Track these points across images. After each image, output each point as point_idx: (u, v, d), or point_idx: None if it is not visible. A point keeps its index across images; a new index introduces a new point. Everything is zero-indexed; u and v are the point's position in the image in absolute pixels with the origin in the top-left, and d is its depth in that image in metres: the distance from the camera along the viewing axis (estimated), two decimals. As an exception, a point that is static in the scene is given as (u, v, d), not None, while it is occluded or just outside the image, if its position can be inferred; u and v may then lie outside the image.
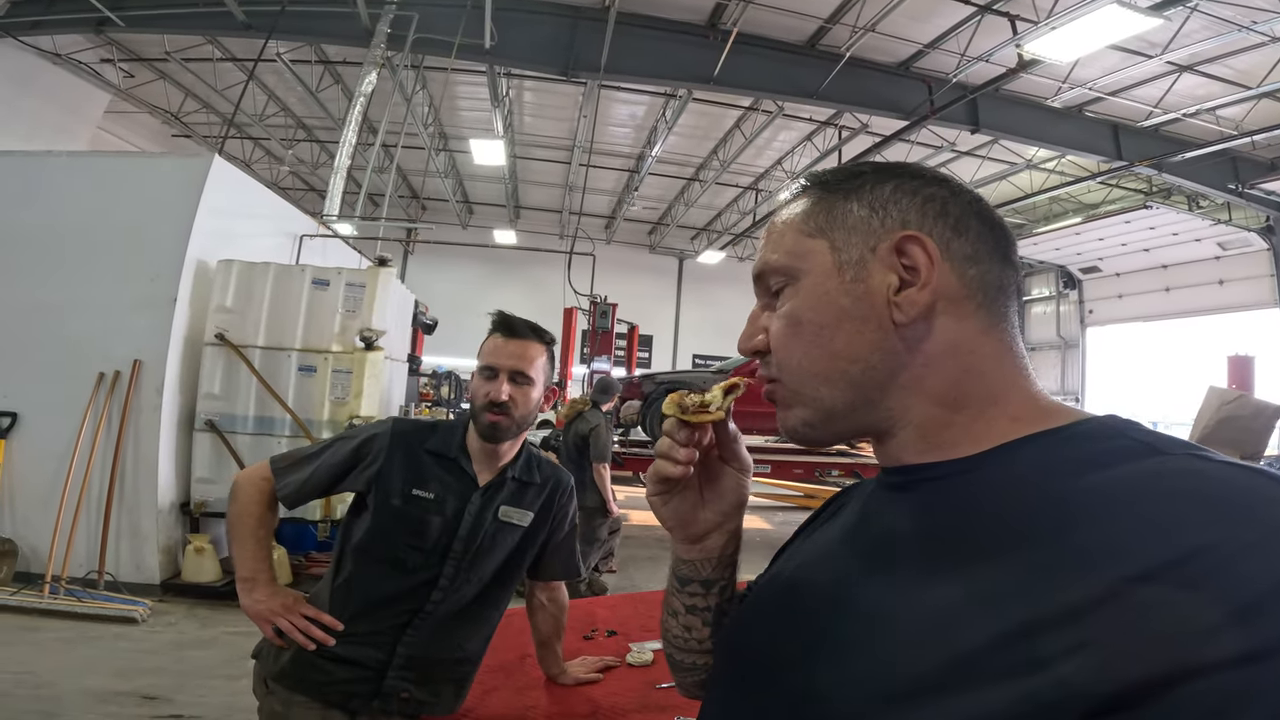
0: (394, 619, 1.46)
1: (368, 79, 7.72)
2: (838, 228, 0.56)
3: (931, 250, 0.54)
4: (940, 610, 0.45)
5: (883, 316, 0.53)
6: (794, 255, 0.58)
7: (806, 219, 0.58)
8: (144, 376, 4.53)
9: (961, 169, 12.81)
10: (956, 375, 0.54)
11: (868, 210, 0.56)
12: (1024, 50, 7.01)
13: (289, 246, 5.99)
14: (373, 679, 1.44)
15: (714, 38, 8.56)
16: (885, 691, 0.44)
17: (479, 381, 1.50)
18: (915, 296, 0.53)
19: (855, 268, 0.55)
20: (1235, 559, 0.36)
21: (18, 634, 3.70)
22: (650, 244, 19.91)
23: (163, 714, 3.01)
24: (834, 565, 0.58)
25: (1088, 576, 0.39)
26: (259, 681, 1.50)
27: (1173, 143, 10.11)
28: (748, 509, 0.72)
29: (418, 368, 8.80)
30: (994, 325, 0.55)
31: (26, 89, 9.07)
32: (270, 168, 15.03)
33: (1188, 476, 0.42)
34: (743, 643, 0.62)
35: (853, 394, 0.55)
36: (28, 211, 4.71)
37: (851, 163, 0.62)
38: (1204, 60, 8.39)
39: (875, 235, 0.55)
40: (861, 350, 0.54)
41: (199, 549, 4.53)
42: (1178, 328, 15.67)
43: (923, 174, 0.58)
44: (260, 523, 1.49)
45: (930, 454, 0.54)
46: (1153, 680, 0.35)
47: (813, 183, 0.61)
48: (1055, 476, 0.47)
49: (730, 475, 0.69)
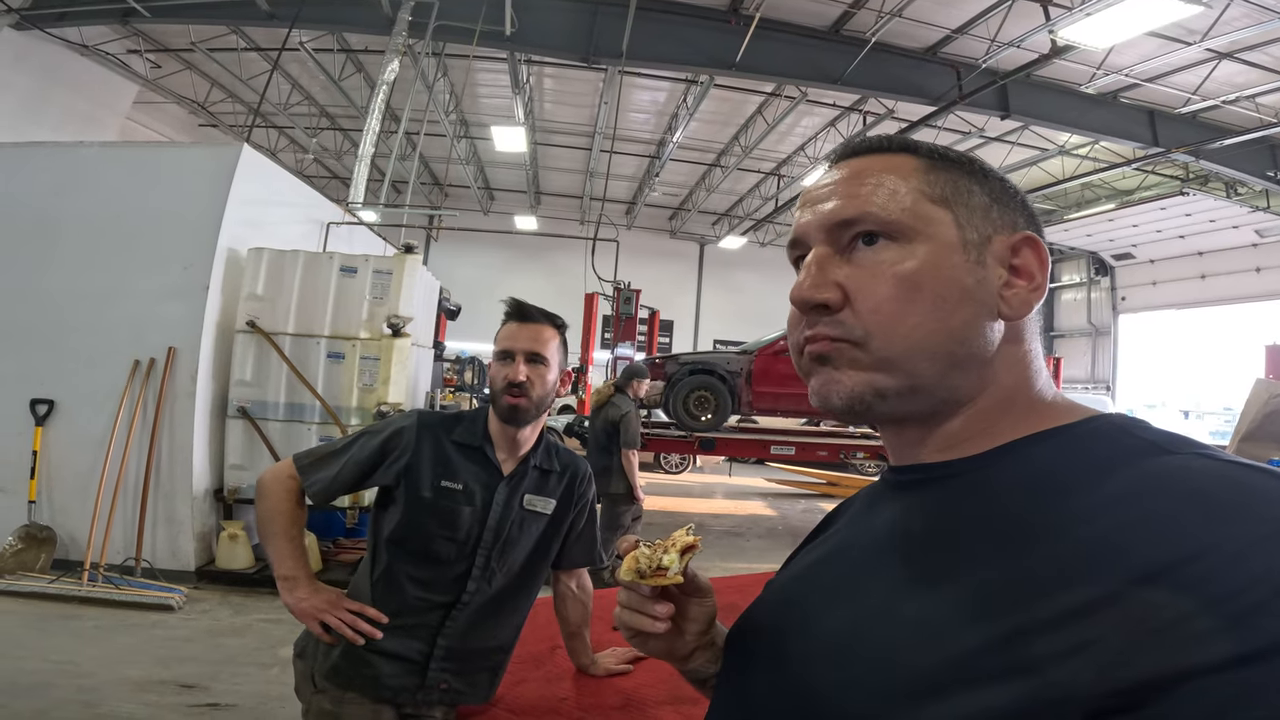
0: (433, 611, 1.49)
1: (390, 67, 7.76)
2: (962, 204, 0.55)
3: (1045, 256, 0.55)
4: (945, 609, 0.45)
5: (994, 307, 0.53)
6: (914, 215, 0.54)
7: (928, 182, 0.55)
8: (178, 364, 4.62)
9: (990, 154, 12.57)
10: (1022, 375, 0.55)
11: (989, 199, 0.56)
12: (1057, 36, 6.84)
13: (316, 234, 6.05)
14: (417, 671, 1.47)
15: (736, 23, 8.46)
16: (888, 691, 0.45)
17: (496, 366, 1.53)
18: (1029, 297, 0.54)
19: (977, 250, 0.54)
20: (1238, 559, 0.36)
21: (58, 623, 3.79)
22: (671, 229, 19.83)
23: (199, 702, 3.07)
24: (840, 566, 0.59)
25: (1091, 577, 0.39)
26: (304, 680, 1.52)
27: (1211, 129, 9.84)
28: (772, 497, 0.72)
29: (442, 353, 8.87)
30: (1039, 328, 0.57)
31: (56, 81, 9.22)
32: (295, 156, 15.17)
33: (1193, 476, 0.42)
34: (752, 641, 0.62)
35: (947, 373, 0.53)
36: (62, 201, 4.80)
37: (938, 144, 0.60)
38: (1244, 48, 8.15)
39: (993, 225, 0.55)
40: (972, 333, 0.53)
41: (232, 536, 4.62)
42: (1213, 315, 15.34)
43: (1009, 179, 0.59)
44: (292, 521, 1.51)
45: (951, 451, 0.54)
46: (1156, 681, 0.35)
47: (919, 148, 0.58)
48: (1062, 475, 0.47)
49: (694, 603, 0.69)
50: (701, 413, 7.64)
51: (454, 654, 1.49)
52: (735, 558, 6.29)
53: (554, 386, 1.55)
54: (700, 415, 7.64)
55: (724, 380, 7.69)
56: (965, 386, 0.54)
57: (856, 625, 0.50)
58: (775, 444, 7.94)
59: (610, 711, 1.64)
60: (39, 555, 4.37)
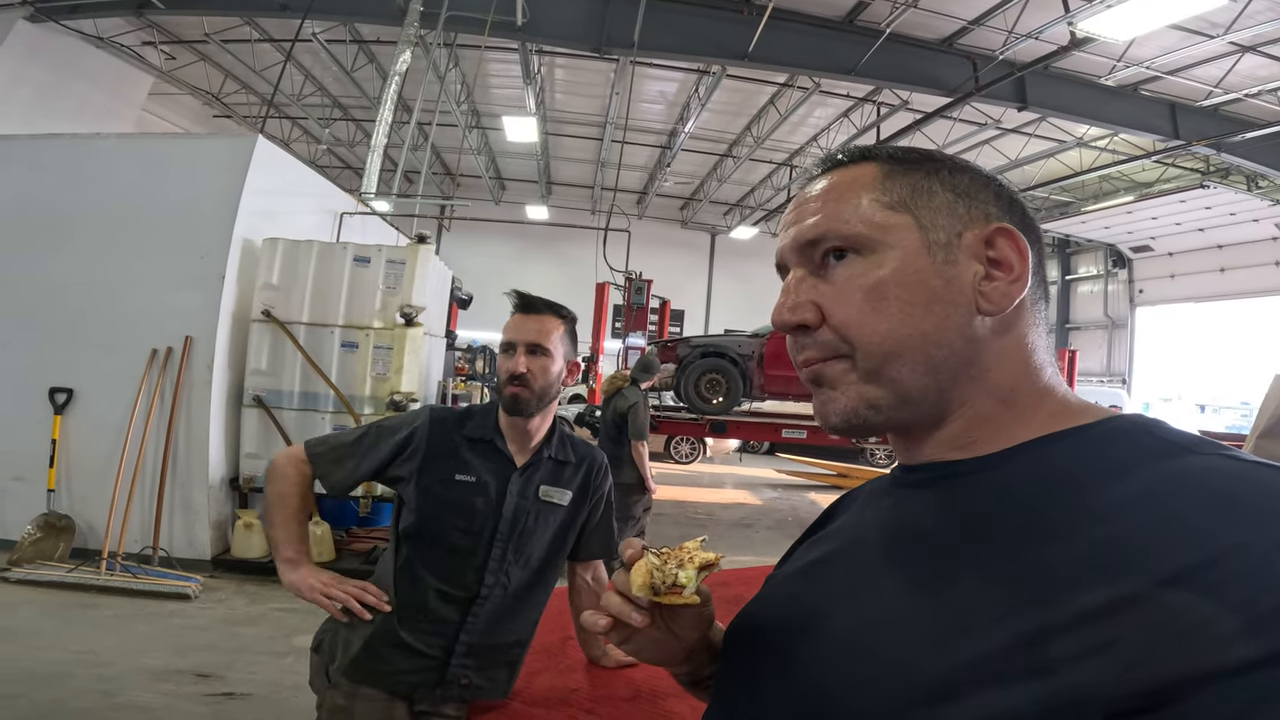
0: (454, 606, 1.49)
1: (402, 58, 7.75)
2: (923, 206, 0.55)
3: (1023, 245, 0.54)
4: (962, 609, 0.44)
5: (970, 304, 0.53)
6: (873, 225, 0.54)
7: (885, 189, 0.55)
8: (195, 352, 4.66)
9: (1007, 146, 12.44)
10: (1019, 371, 0.54)
11: (953, 195, 0.55)
12: (1077, 28, 6.74)
13: (329, 224, 6.07)
14: (438, 667, 1.48)
15: (749, 13, 8.39)
16: (905, 693, 0.44)
17: (501, 359, 1.55)
18: (1008, 289, 0.53)
19: (944, 250, 0.54)
20: (1263, 561, 0.36)
21: (78, 612, 3.83)
22: (682, 219, 19.77)
23: (215, 691, 3.10)
24: (847, 564, 0.58)
25: (1114, 577, 0.39)
26: (319, 674, 1.53)
27: (1232, 123, 9.69)
28: (782, 488, 0.71)
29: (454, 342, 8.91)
30: (1041, 322, 0.56)
31: (71, 73, 9.28)
32: (308, 146, 15.23)
33: (1217, 476, 0.42)
34: (755, 640, 0.61)
35: (930, 378, 0.53)
36: (80, 192, 4.84)
37: (905, 146, 0.60)
38: (1268, 41, 8.03)
39: (961, 222, 0.54)
40: (948, 335, 0.52)
41: (248, 524, 4.67)
42: (1232, 309, 15.15)
43: (978, 168, 0.58)
44: (302, 506, 1.54)
45: (962, 451, 0.54)
46: (1177, 682, 0.35)
47: (878, 154, 0.58)
48: (1083, 474, 0.46)
49: (693, 611, 0.63)
50: (713, 395, 7.64)
51: (475, 649, 1.50)
52: (744, 549, 6.30)
53: (558, 377, 1.56)
54: (712, 398, 7.64)
55: (735, 363, 7.68)
56: (955, 387, 0.53)
57: (869, 625, 0.50)
58: (787, 427, 7.93)
59: (621, 703, 1.64)
60: (58, 544, 4.42)
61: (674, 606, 0.58)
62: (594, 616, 0.60)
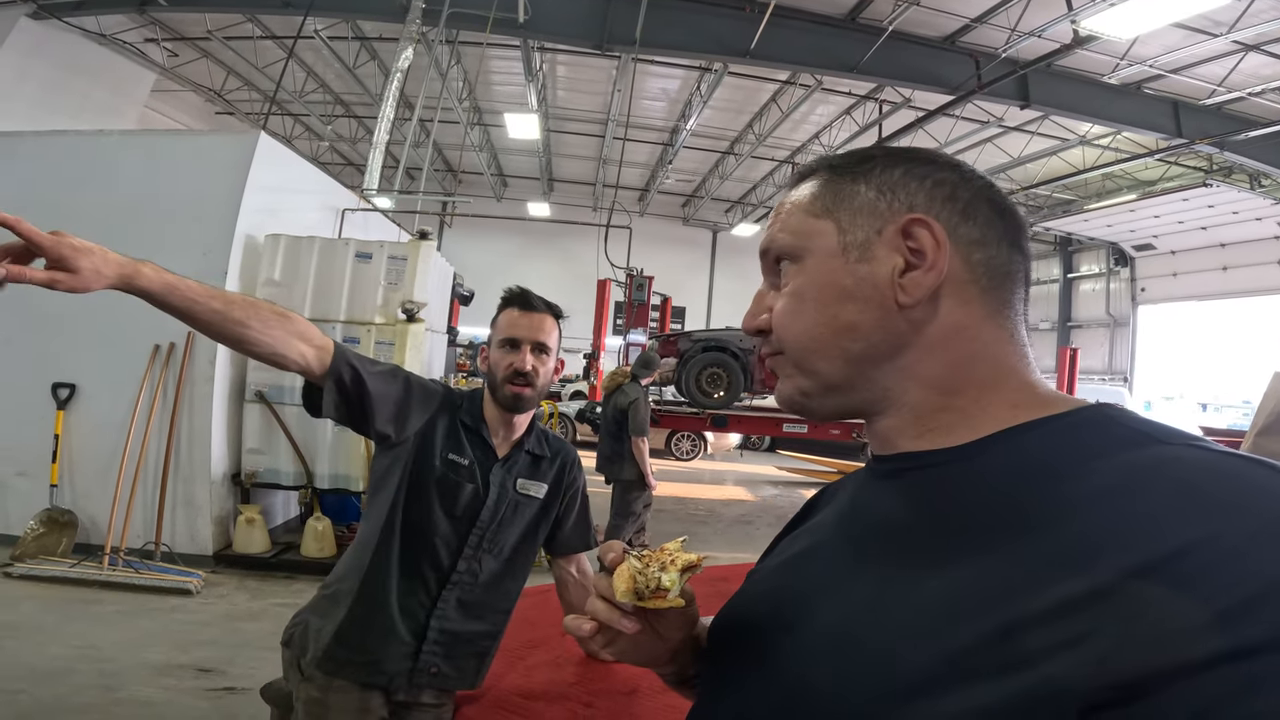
0: (424, 588, 1.50)
1: (404, 54, 7.76)
2: (844, 209, 0.57)
3: (939, 234, 0.53)
4: (935, 603, 0.44)
5: (886, 297, 0.54)
6: (799, 234, 0.59)
7: (813, 200, 0.59)
8: (197, 348, 4.66)
9: (1009, 144, 12.42)
10: (956, 360, 0.54)
11: (875, 193, 0.56)
12: (1080, 26, 6.73)
13: (331, 220, 6.08)
14: (409, 655, 1.48)
15: (751, 10, 8.38)
16: (888, 687, 0.44)
17: (500, 354, 1.54)
18: (920, 279, 0.53)
19: (860, 249, 0.55)
20: (1233, 553, 0.36)
21: (80, 607, 3.83)
22: (684, 216, 19.78)
23: (217, 686, 3.11)
24: (827, 557, 0.58)
25: (1084, 570, 0.39)
26: (291, 668, 1.53)
27: (1236, 121, 9.68)
28: (783, 484, 0.72)
29: (455, 338, 8.93)
30: (997, 311, 0.55)
31: (74, 69, 9.29)
32: (311, 143, 15.25)
33: (1186, 467, 0.42)
34: (739, 637, 0.61)
35: (850, 369, 0.56)
36: (83, 189, 4.84)
37: (863, 148, 0.61)
38: (1271, 40, 8.01)
39: (882, 218, 0.55)
40: (863, 328, 0.54)
41: (249, 520, 4.69)
42: (1234, 308, 15.12)
43: (934, 159, 0.58)
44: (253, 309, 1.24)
45: (925, 440, 0.54)
46: (1149, 675, 0.35)
47: (821, 166, 0.61)
48: (1052, 465, 0.46)
49: (678, 613, 0.62)
50: (714, 390, 7.64)
51: (445, 637, 1.50)
52: (745, 546, 6.31)
53: (551, 374, 1.58)
54: (713, 392, 7.63)
55: (736, 357, 7.67)
56: (881, 378, 0.55)
57: (851, 620, 0.50)
58: (788, 421, 7.91)
59: (618, 696, 1.66)
60: (60, 539, 4.43)
61: (659, 609, 0.58)
62: (578, 622, 0.60)
